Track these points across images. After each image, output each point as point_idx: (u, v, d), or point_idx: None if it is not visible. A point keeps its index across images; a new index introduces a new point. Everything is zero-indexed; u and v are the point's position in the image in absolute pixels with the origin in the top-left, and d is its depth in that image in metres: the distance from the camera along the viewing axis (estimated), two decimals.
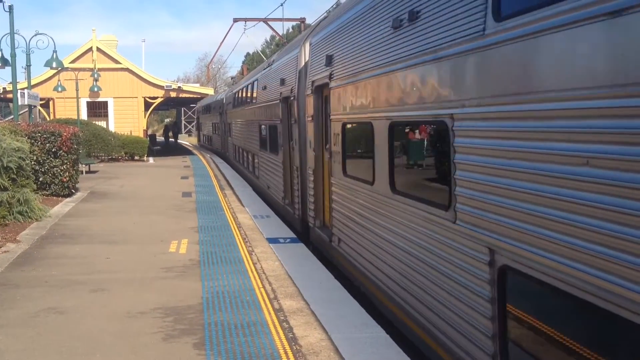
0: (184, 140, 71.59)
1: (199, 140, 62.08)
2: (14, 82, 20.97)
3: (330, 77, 9.38)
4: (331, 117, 9.51)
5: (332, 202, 9.75)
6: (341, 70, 8.82)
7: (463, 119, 4.91)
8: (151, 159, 36.49)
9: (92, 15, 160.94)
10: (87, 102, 37.85)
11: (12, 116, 31.00)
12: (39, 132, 17.35)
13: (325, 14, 15.61)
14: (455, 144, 5.01)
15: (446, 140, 5.20)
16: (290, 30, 69.22)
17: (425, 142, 6.33)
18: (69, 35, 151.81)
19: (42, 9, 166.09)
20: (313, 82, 10.69)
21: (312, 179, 11.20)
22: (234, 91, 29.12)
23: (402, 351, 6.18)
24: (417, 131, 6.43)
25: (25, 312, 7.56)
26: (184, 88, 40.57)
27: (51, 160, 17.47)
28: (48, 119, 36.44)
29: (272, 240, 11.76)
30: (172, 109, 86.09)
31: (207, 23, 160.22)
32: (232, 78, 76.04)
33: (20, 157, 13.82)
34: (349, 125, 8.85)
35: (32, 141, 16.65)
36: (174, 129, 70.13)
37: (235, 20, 41.64)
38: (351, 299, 7.94)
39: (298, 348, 6.32)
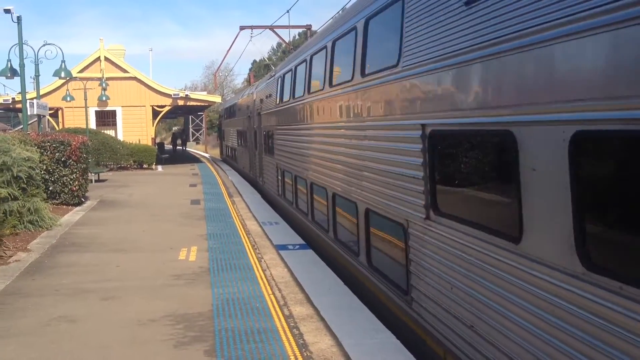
0: (192, 148, 71.84)
1: (221, 152, 50.00)
2: (23, 92, 21.11)
3: None
4: None
5: None
6: None
7: None
8: (160, 167, 36.61)
9: (99, 25, 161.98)
10: (96, 111, 38.03)
11: (21, 126, 31.22)
12: (49, 142, 17.45)
13: (331, 21, 15.36)
14: None
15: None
16: (297, 37, 69.39)
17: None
18: (76, 45, 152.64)
19: (49, 19, 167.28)
20: None
21: None
22: (279, 74, 16.32)
23: (413, 356, 6.18)
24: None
25: (36, 321, 7.60)
26: (192, 96, 40.68)
27: (61, 170, 17.56)
28: (57, 128, 36.64)
29: (281, 247, 11.78)
30: (180, 117, 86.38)
31: (213, 31, 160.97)
32: (245, 81, 75.95)
33: (30, 167, 13.92)
34: None
35: (42, 151, 16.75)
36: (182, 136, 70.42)
37: (242, 27, 41.91)
38: (361, 305, 7.95)
39: (309, 354, 6.33)
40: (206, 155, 57.61)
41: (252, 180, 24.42)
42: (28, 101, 21.70)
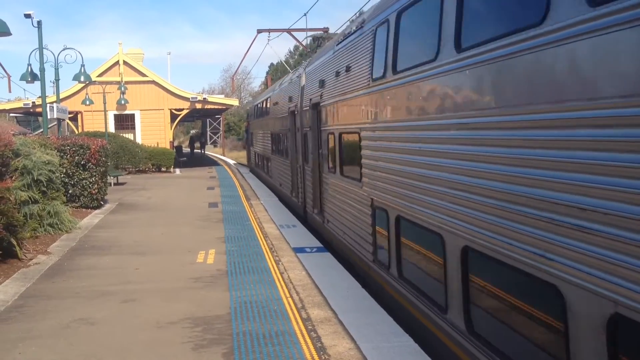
0: (210, 151, 72.18)
1: (248, 160, 39.27)
2: (43, 96, 21.35)
3: None
4: None
5: None
6: None
7: None
8: (178, 170, 36.81)
9: (117, 29, 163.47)
10: (115, 115, 38.36)
11: (41, 130, 31.53)
12: (68, 145, 17.61)
13: (347, 23, 14.48)
14: None
15: None
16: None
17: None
18: (95, 49, 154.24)
19: (68, 23, 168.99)
20: None
21: None
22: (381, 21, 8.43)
23: None
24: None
25: (57, 323, 7.67)
26: (209, 99, 40.86)
27: (80, 173, 17.71)
28: (76, 132, 37.01)
29: (299, 250, 11.78)
30: (198, 120, 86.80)
31: (230, 35, 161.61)
32: (262, 85, 76.06)
33: (50, 170, 14.06)
34: None
35: (62, 154, 16.91)
36: (200, 139, 70.79)
37: (259, 31, 41.92)
38: (379, 308, 7.93)
39: (327, 357, 6.32)
40: (224, 158, 57.84)
41: (296, 206, 17.31)
42: (48, 105, 21.92)
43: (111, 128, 37.16)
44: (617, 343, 3.58)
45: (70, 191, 17.30)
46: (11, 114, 55.52)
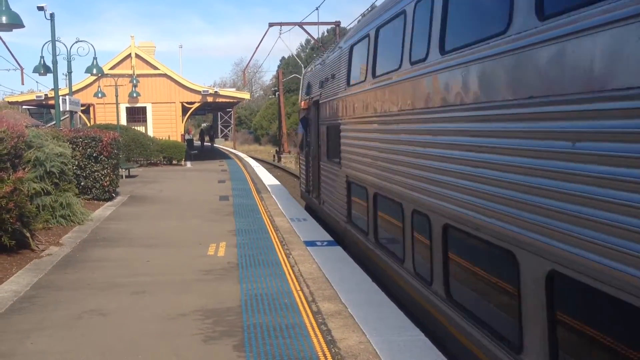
0: (220, 144, 72.30)
1: (308, 180, 17.36)
2: (55, 88, 21.43)
3: None
4: None
5: None
6: None
7: None
8: (189, 163, 36.91)
9: (127, 23, 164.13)
10: (127, 108, 38.47)
11: (54, 122, 31.68)
12: (80, 138, 17.68)
13: (360, 17, 15.66)
14: None
15: None
16: (325, 33, 69.33)
17: None
18: (107, 42, 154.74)
19: (81, 16, 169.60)
20: None
21: None
22: None
23: (442, 354, 6.13)
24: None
25: (68, 314, 7.71)
26: (221, 93, 40.89)
27: (92, 165, 17.79)
28: (88, 124, 37.17)
29: (309, 243, 11.78)
30: (209, 113, 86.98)
31: (240, 28, 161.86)
32: (274, 78, 76.03)
33: (62, 162, 14.12)
34: None
35: (74, 146, 16.98)
36: (210, 132, 71.01)
37: (271, 24, 41.95)
38: (389, 302, 7.92)
39: (337, 351, 6.32)
40: (234, 151, 57.91)
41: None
42: (60, 97, 22.02)
43: (123, 121, 37.27)
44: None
45: (82, 183, 17.37)
46: (24, 106, 55.90)
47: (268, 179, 26.51)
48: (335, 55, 13.25)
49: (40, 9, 19.90)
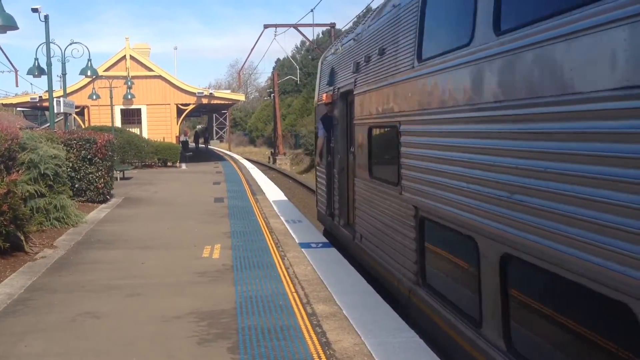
0: (215, 146, 72.30)
1: (317, 187, 15.53)
2: (50, 90, 21.38)
3: None
4: None
5: None
6: None
7: None
8: (183, 165, 36.87)
9: (122, 24, 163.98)
10: (121, 110, 38.42)
11: (48, 124, 31.61)
12: (75, 140, 17.64)
13: (355, 19, 15.34)
14: None
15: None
16: (321, 35, 69.36)
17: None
18: (101, 44, 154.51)
19: (74, 18, 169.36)
20: None
21: None
22: None
23: (436, 356, 6.14)
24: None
25: (63, 317, 7.69)
26: (216, 94, 40.89)
27: (86, 167, 17.75)
28: (83, 126, 37.10)
29: (304, 245, 11.78)
30: (204, 115, 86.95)
31: (236, 30, 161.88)
32: (269, 80, 75.90)
33: (56, 164, 14.07)
34: None
35: (68, 148, 16.93)
36: (205, 134, 71.02)
37: (266, 26, 42.01)
38: (384, 304, 7.93)
39: (331, 353, 6.32)
40: (230, 153, 57.91)
41: None
42: (55, 99, 21.97)
43: (118, 122, 37.21)
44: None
45: (76, 185, 17.33)
46: (18, 108, 55.79)
47: (263, 180, 26.50)
48: (385, 20, 8.89)
49: (35, 10, 19.86)
